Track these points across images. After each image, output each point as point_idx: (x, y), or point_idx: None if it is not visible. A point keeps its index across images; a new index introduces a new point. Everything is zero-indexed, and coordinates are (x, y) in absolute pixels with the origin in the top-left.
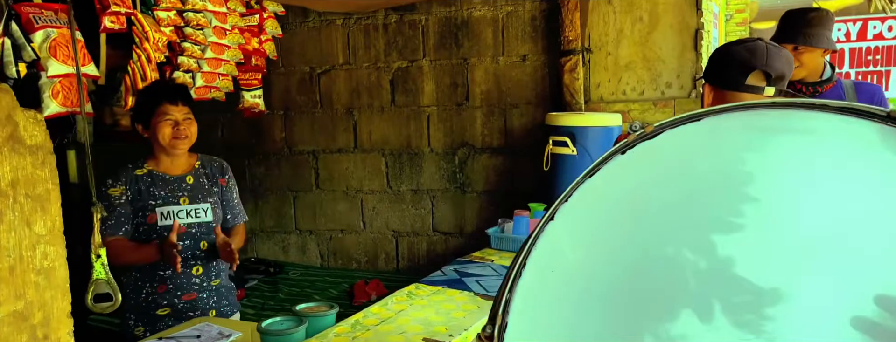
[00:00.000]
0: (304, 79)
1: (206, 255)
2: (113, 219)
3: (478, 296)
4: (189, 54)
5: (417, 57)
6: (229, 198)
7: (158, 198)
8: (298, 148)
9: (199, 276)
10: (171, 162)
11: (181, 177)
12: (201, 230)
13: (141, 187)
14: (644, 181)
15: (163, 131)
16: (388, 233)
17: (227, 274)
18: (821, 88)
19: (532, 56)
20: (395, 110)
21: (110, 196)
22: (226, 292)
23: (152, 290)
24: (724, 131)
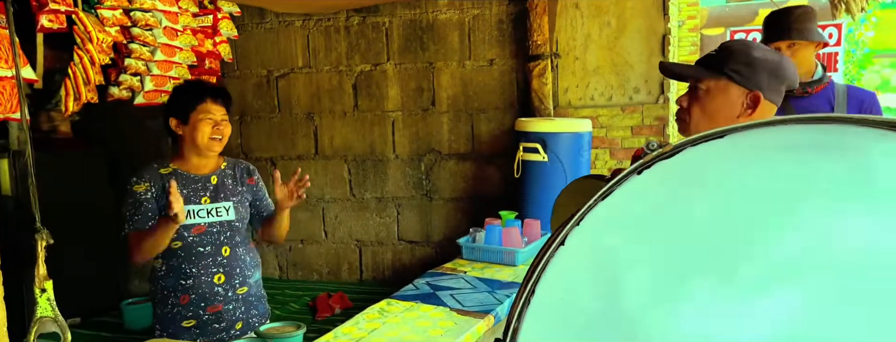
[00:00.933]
0: (262, 82)
1: (228, 262)
2: (140, 214)
3: (454, 312)
4: (137, 56)
5: (381, 60)
6: (262, 197)
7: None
8: (255, 154)
9: (221, 285)
10: (200, 162)
11: (206, 176)
12: (223, 230)
13: (164, 185)
14: (662, 204)
15: (202, 130)
16: (351, 242)
17: (256, 281)
18: (812, 89)
19: (499, 60)
20: (358, 115)
21: (135, 192)
22: (255, 301)
23: (176, 302)
24: (750, 149)
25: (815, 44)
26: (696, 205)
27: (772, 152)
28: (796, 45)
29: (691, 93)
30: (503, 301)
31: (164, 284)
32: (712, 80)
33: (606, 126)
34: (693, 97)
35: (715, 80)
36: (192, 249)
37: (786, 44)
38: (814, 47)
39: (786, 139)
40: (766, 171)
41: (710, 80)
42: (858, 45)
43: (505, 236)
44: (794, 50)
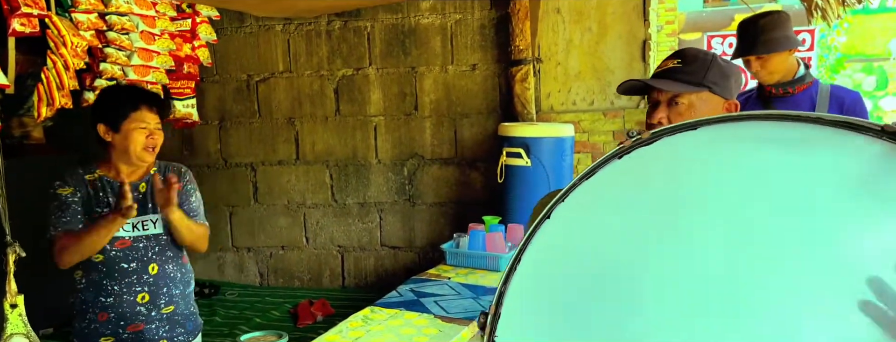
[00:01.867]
0: (241, 87)
1: (155, 280)
2: (68, 216)
3: (438, 319)
4: (113, 61)
5: (363, 65)
6: (185, 201)
7: (106, 205)
8: (235, 160)
9: (144, 305)
10: (129, 169)
11: (134, 184)
12: (150, 246)
13: (90, 192)
14: (637, 185)
15: (136, 139)
16: (333, 248)
17: (186, 298)
18: (792, 89)
19: (482, 65)
20: (340, 120)
21: (61, 195)
22: (182, 320)
23: (94, 318)
24: (720, 141)
25: (786, 52)
26: (665, 188)
27: (737, 143)
28: (764, 57)
29: (669, 108)
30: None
31: (83, 298)
32: (694, 94)
33: (588, 131)
34: (673, 112)
35: (696, 93)
36: (114, 265)
37: (755, 56)
38: (786, 55)
39: (749, 133)
40: (730, 158)
41: (692, 93)
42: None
43: (488, 241)
44: (763, 61)
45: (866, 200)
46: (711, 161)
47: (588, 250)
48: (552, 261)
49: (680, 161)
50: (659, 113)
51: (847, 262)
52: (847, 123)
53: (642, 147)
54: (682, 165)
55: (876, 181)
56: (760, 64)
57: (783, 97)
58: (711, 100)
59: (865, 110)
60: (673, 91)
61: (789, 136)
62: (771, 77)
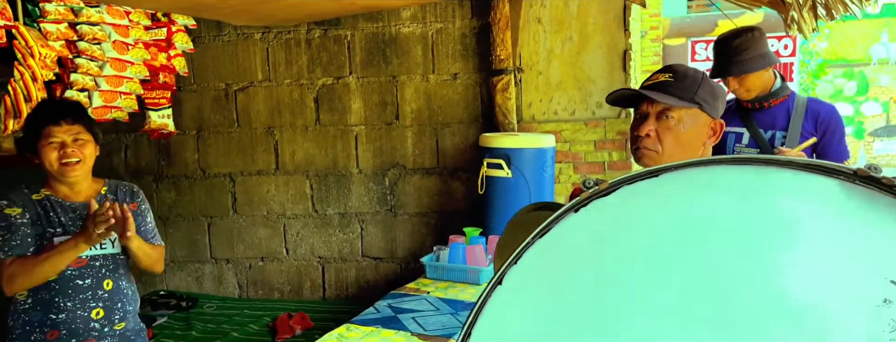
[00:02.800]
0: (220, 96)
1: (110, 295)
2: (17, 239)
3: (415, 337)
4: (84, 71)
5: (344, 73)
6: (141, 223)
7: (58, 226)
8: (213, 170)
9: (99, 321)
10: (70, 188)
11: (84, 204)
12: (106, 264)
13: (39, 212)
14: (596, 242)
15: (48, 157)
16: (313, 259)
17: (135, 315)
18: (769, 103)
19: (463, 74)
20: (320, 129)
21: (8, 216)
22: (133, 336)
23: (42, 337)
24: (682, 188)
25: (762, 69)
26: (629, 241)
27: (701, 190)
28: (741, 76)
29: (658, 121)
30: None
31: (27, 319)
32: (684, 109)
33: (570, 140)
34: (662, 126)
35: (687, 108)
36: (68, 282)
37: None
38: (762, 71)
39: (711, 179)
40: (695, 207)
41: (683, 109)
42: (812, 56)
43: (469, 254)
44: (740, 80)
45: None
46: (674, 215)
47: (544, 321)
48: (506, 334)
49: (640, 215)
50: (648, 125)
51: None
52: (819, 167)
53: (599, 198)
54: (642, 220)
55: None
56: (738, 82)
57: (760, 110)
58: (700, 117)
59: (841, 123)
60: (666, 103)
61: (758, 181)
62: (748, 94)
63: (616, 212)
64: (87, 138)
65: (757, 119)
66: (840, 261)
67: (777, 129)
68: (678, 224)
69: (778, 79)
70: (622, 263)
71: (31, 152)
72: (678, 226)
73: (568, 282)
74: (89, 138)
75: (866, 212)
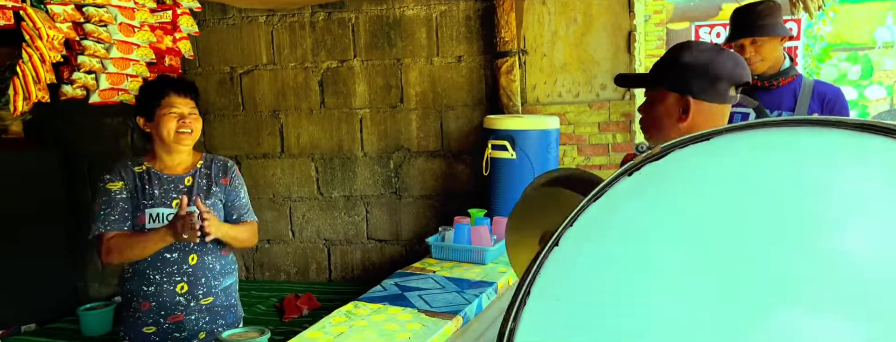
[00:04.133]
0: (225, 79)
1: (193, 270)
2: (116, 214)
3: (422, 313)
4: (91, 53)
5: (348, 57)
6: (234, 197)
7: (151, 198)
8: (219, 153)
9: (183, 295)
10: (172, 160)
11: (180, 177)
12: None
13: (137, 184)
14: (651, 205)
15: (167, 125)
16: (319, 242)
17: (227, 290)
18: (777, 82)
19: (468, 57)
20: (325, 112)
21: (110, 190)
22: (222, 311)
23: (139, 306)
24: (735, 151)
25: (779, 38)
26: (682, 206)
27: (751, 153)
28: (759, 41)
29: (646, 103)
30: (472, 301)
31: (129, 287)
32: (654, 90)
33: (574, 122)
34: (644, 106)
35: (655, 89)
36: (158, 255)
37: (748, 40)
38: (778, 42)
39: (762, 141)
40: (748, 171)
41: (652, 89)
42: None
43: (474, 234)
44: (757, 46)
45: None
46: (728, 176)
47: (602, 281)
48: (564, 294)
49: (695, 176)
50: (641, 105)
51: None
52: (869, 126)
53: (653, 162)
54: (697, 181)
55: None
56: (755, 49)
57: (767, 89)
58: (668, 96)
59: (846, 106)
60: (638, 86)
61: (808, 143)
62: (762, 64)
63: (669, 174)
64: (198, 114)
65: (763, 99)
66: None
67: (783, 109)
68: (732, 187)
69: (787, 59)
70: (677, 227)
71: (146, 118)
72: (732, 189)
73: (623, 246)
74: (199, 114)
75: None
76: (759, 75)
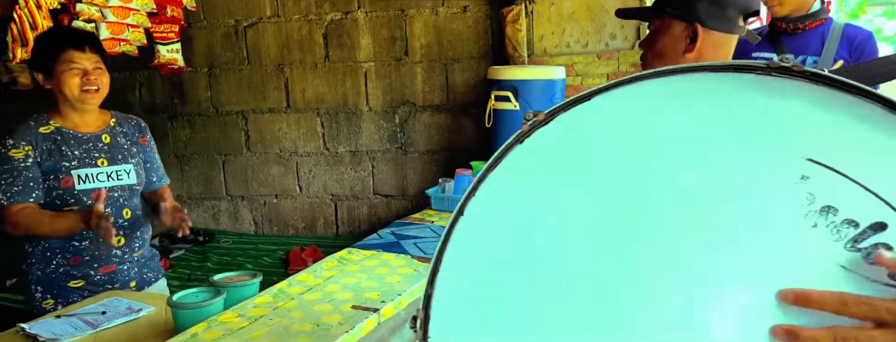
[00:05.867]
0: (229, 33)
1: (129, 224)
2: (20, 184)
3: (414, 259)
4: (89, 1)
5: (352, 8)
6: (152, 159)
7: (73, 159)
8: (226, 108)
9: (120, 248)
10: (81, 118)
11: (96, 134)
12: (124, 195)
13: (50, 147)
14: (543, 168)
15: (69, 82)
16: (326, 197)
17: (148, 242)
18: (803, 25)
19: (473, 6)
20: (329, 66)
21: (12, 158)
22: (147, 261)
23: (64, 262)
24: (613, 108)
25: None
26: (571, 168)
27: (638, 104)
28: None
29: (650, 37)
30: None
31: (47, 245)
32: (657, 20)
33: (582, 74)
34: (647, 39)
35: (659, 19)
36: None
37: None
38: None
39: (646, 91)
40: (631, 123)
41: (656, 20)
42: None
43: None
44: None
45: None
46: (612, 130)
47: (505, 243)
48: (473, 258)
49: (578, 138)
50: (643, 40)
51: None
52: (735, 66)
53: (541, 128)
54: (581, 142)
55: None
56: None
57: (793, 33)
58: (673, 25)
59: (876, 49)
60: (639, 17)
61: (684, 88)
62: (782, 8)
63: (556, 138)
64: (104, 68)
65: (788, 43)
66: (761, 144)
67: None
68: (617, 140)
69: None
70: (567, 184)
71: (45, 75)
72: (617, 142)
73: (520, 209)
74: (105, 69)
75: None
76: (784, 18)
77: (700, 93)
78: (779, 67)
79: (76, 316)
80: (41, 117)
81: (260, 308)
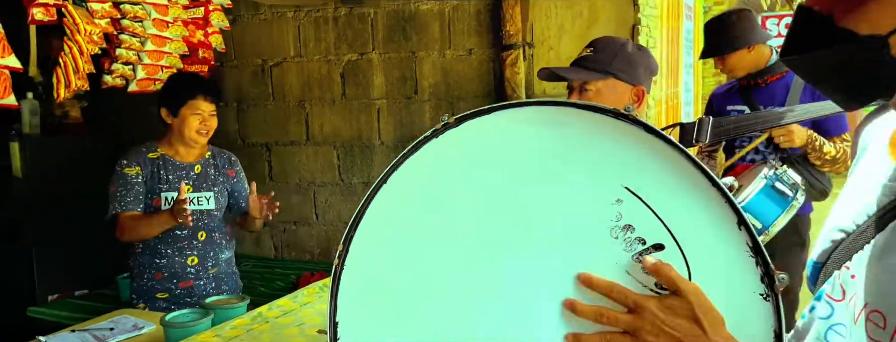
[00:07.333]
0: (257, 71)
1: (202, 246)
2: (131, 195)
3: None
4: (127, 46)
5: (367, 50)
6: (241, 189)
7: (166, 183)
8: (252, 140)
9: (194, 266)
10: (186, 151)
11: (191, 164)
12: (201, 219)
13: (153, 170)
14: (442, 161)
15: (191, 124)
16: (340, 224)
17: (228, 261)
18: (763, 80)
19: (478, 50)
20: (345, 103)
21: (126, 174)
22: (226, 278)
23: (152, 277)
24: (497, 122)
25: (745, 49)
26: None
27: (518, 125)
28: (726, 56)
29: (581, 94)
30: None
31: (140, 260)
32: (601, 81)
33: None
34: (584, 97)
35: (603, 80)
36: (169, 233)
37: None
38: (743, 52)
39: (526, 116)
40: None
41: (599, 81)
42: None
43: None
44: (722, 60)
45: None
46: (488, 141)
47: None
48: (375, 254)
49: (471, 141)
50: (571, 98)
51: None
52: (597, 108)
53: (451, 129)
54: (472, 145)
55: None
56: (721, 63)
57: (758, 87)
58: (618, 86)
59: None
60: (580, 79)
61: (553, 118)
62: (733, 74)
63: (460, 138)
64: (216, 115)
65: (756, 96)
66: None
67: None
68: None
69: (774, 55)
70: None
71: (170, 112)
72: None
73: (422, 195)
74: (216, 116)
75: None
76: (744, 76)
77: (564, 124)
78: (621, 113)
79: (87, 331)
80: (152, 144)
81: (237, 329)
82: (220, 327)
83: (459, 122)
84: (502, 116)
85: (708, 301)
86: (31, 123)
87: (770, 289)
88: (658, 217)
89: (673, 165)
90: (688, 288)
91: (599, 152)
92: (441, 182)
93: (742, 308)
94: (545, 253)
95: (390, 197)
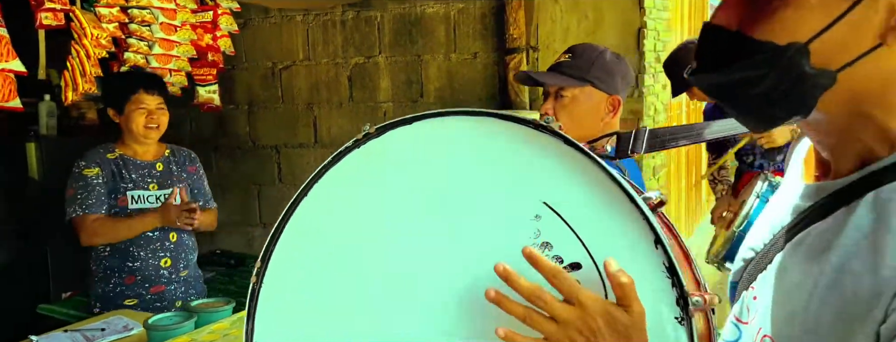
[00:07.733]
0: (267, 74)
1: (175, 246)
2: (93, 197)
3: None
4: (135, 50)
5: (374, 53)
6: (200, 186)
7: (129, 182)
8: (262, 142)
9: (167, 269)
10: (142, 148)
11: (151, 163)
12: None
13: (113, 170)
14: (364, 167)
15: (136, 120)
16: None
17: (194, 263)
18: None
19: (483, 53)
20: (353, 106)
21: (86, 176)
22: (193, 282)
23: (120, 281)
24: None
25: None
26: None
27: (440, 135)
28: (694, 91)
29: (556, 100)
30: None
31: (107, 264)
32: (577, 88)
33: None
34: (559, 105)
35: (579, 87)
36: (141, 235)
37: None
38: None
39: (448, 126)
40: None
41: (575, 88)
42: None
43: None
44: (692, 94)
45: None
46: (411, 149)
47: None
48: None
49: (393, 152)
50: (546, 104)
51: None
52: (517, 119)
53: (374, 139)
54: (394, 153)
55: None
56: (691, 94)
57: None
58: (594, 94)
59: None
60: (556, 84)
61: (477, 127)
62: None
63: (381, 148)
64: (165, 109)
65: None
66: (515, 183)
67: None
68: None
69: None
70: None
71: (116, 111)
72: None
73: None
74: (166, 109)
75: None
76: None
77: (486, 134)
78: (541, 125)
79: (79, 331)
80: (109, 145)
81: (214, 333)
82: (198, 332)
83: (381, 131)
84: (424, 126)
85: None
86: (47, 125)
87: (684, 312)
88: (576, 234)
89: (592, 180)
90: (593, 304)
91: (520, 165)
92: (361, 193)
93: (654, 330)
94: (466, 266)
95: (311, 209)
